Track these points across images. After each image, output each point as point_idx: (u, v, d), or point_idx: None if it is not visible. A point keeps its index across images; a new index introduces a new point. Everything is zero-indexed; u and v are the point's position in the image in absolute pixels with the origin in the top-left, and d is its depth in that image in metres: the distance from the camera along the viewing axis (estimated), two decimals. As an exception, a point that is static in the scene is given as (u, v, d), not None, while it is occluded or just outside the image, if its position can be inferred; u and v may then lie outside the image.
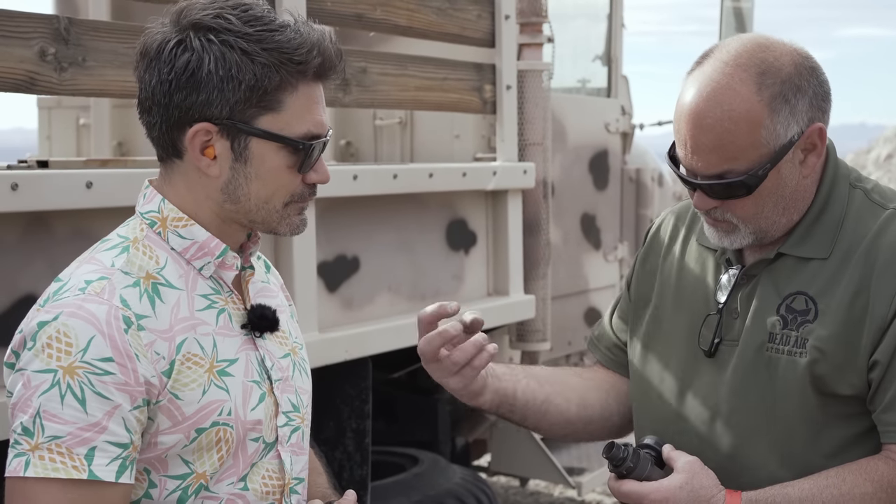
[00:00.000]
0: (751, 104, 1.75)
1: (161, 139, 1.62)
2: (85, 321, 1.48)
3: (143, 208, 1.66)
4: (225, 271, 1.66)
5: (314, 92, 1.62)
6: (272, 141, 1.59)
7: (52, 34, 2.54)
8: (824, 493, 1.75)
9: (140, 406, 1.51)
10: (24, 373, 1.49)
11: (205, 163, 1.59)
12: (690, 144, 1.79)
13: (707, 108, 1.76)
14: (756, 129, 1.75)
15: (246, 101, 1.56)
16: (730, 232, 1.86)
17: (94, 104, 4.92)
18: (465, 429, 4.80)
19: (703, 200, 1.83)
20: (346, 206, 3.40)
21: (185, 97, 1.56)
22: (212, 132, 1.58)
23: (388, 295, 3.61)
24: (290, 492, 1.69)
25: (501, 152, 4.10)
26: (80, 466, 1.46)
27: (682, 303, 1.98)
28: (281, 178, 1.61)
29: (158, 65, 1.57)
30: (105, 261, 1.58)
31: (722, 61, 1.79)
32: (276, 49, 1.55)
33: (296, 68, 1.57)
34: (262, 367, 1.66)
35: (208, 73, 1.54)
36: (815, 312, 1.80)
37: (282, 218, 1.64)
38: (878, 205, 1.85)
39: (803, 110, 1.78)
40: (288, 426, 1.69)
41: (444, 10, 3.80)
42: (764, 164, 1.77)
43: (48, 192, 2.47)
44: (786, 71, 1.78)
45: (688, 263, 2.00)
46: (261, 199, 1.62)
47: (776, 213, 1.83)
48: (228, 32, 1.55)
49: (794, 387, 1.81)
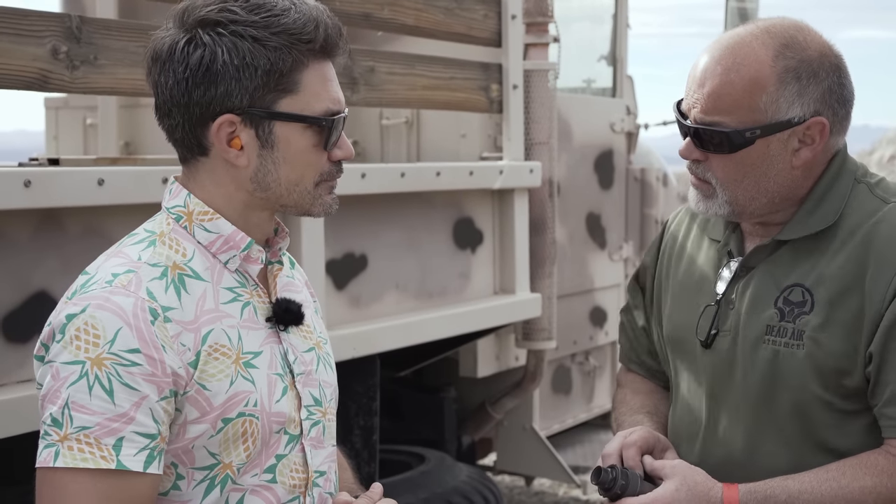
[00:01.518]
0: (763, 66, 1.79)
1: (185, 139, 1.64)
2: (112, 313, 1.51)
3: (168, 203, 1.68)
4: (250, 265, 1.68)
5: (326, 69, 1.64)
6: (295, 122, 1.61)
7: (64, 32, 2.55)
8: (823, 486, 1.75)
9: (167, 397, 1.53)
10: (53, 364, 1.51)
11: (233, 154, 1.61)
12: (695, 86, 1.83)
13: (723, 55, 1.81)
14: (758, 92, 1.79)
15: (264, 86, 1.58)
16: (707, 196, 1.88)
17: (101, 104, 4.93)
18: (471, 427, 4.81)
19: (689, 149, 1.86)
20: (354, 204, 3.41)
21: (204, 92, 1.58)
22: (235, 122, 1.60)
23: (396, 293, 3.63)
24: (312, 485, 1.71)
25: (508, 151, 4.12)
26: (108, 456, 1.47)
27: (689, 296, 2.00)
28: (308, 158, 1.64)
29: (172, 66, 1.59)
30: (132, 254, 1.60)
31: (755, 24, 1.85)
32: (284, 31, 1.58)
33: (305, 47, 1.59)
34: (285, 360, 1.68)
35: (223, 64, 1.56)
36: (811, 304, 1.82)
37: (314, 198, 1.67)
38: (879, 198, 1.86)
39: (812, 97, 1.80)
40: (308, 420, 1.71)
41: (452, 9, 3.82)
42: (754, 129, 1.79)
43: (60, 190, 2.49)
44: (809, 53, 1.81)
45: (697, 258, 2.02)
46: (291, 181, 1.64)
47: (755, 190, 1.84)
48: (235, 24, 1.57)
49: (794, 379, 1.82)
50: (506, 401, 4.59)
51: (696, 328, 1.95)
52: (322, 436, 1.74)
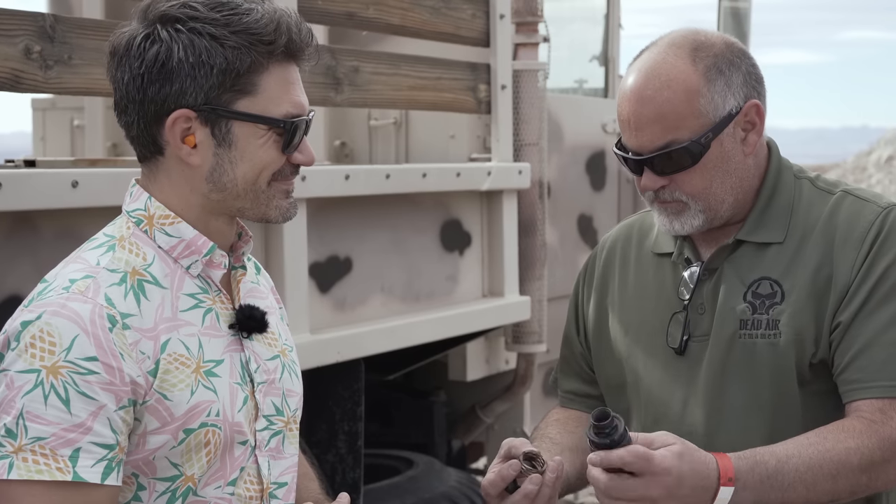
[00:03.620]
0: (687, 74, 1.83)
1: (140, 137, 1.60)
2: (69, 320, 1.46)
3: (129, 206, 1.64)
4: (213, 270, 1.63)
5: (288, 73, 1.60)
6: (253, 123, 1.58)
7: (37, 32, 2.51)
8: (808, 449, 1.75)
9: (126, 406, 1.48)
10: (8, 373, 1.47)
11: (185, 151, 1.58)
12: (634, 121, 1.85)
13: (646, 81, 1.84)
14: (694, 98, 1.82)
15: (220, 85, 1.55)
16: (679, 213, 1.89)
17: (87, 105, 4.90)
18: (461, 431, 4.77)
19: (651, 179, 1.87)
20: (338, 206, 3.37)
21: (159, 89, 1.55)
22: (191, 118, 1.56)
23: (382, 296, 3.59)
24: (269, 497, 1.66)
25: (496, 153, 4.08)
26: (64, 468, 1.43)
27: (646, 313, 1.99)
28: (265, 158, 1.60)
29: (129, 61, 1.56)
30: (90, 259, 1.56)
31: (657, 45, 1.89)
32: (244, 31, 1.55)
33: (265, 48, 1.56)
34: (246, 369, 1.64)
35: (179, 61, 1.53)
36: (781, 294, 1.86)
37: (269, 199, 1.62)
38: (825, 191, 1.93)
39: (738, 84, 1.86)
40: (267, 430, 1.66)
41: (438, 9, 3.78)
42: (706, 133, 1.83)
43: (33, 192, 2.45)
44: (718, 47, 1.88)
45: (646, 275, 2.02)
46: (248, 181, 1.60)
47: (723, 190, 1.88)
48: (195, 20, 1.54)
49: (776, 368, 1.83)
50: (496, 405, 4.55)
51: (667, 337, 1.93)
52: (282, 446, 1.69)
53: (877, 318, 1.79)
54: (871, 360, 1.78)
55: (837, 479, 1.74)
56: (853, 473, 1.74)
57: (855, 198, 1.90)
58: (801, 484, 1.73)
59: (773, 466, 1.73)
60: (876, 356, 1.78)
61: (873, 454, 1.75)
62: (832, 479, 1.74)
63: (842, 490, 1.75)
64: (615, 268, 2.08)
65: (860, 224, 1.85)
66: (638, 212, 2.21)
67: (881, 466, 1.76)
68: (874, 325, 1.79)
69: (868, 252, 1.82)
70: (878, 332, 1.79)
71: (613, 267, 2.08)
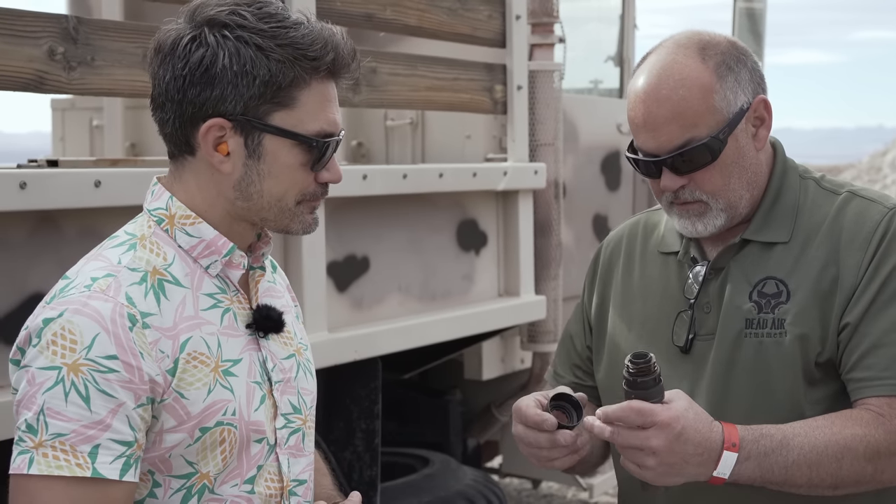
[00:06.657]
0: (699, 71, 1.84)
1: (174, 135, 1.62)
2: (90, 318, 1.48)
3: (150, 205, 1.65)
4: (232, 270, 1.65)
5: (327, 90, 1.61)
6: (285, 138, 1.59)
7: (60, 33, 2.54)
8: (816, 432, 1.76)
9: (144, 404, 1.50)
10: (29, 369, 1.49)
11: (217, 159, 1.59)
12: (650, 122, 1.85)
13: (659, 82, 1.85)
14: (709, 94, 1.84)
15: (260, 96, 1.56)
16: (702, 214, 1.89)
17: (106, 106, 4.93)
18: (477, 430, 4.79)
19: (671, 179, 1.87)
20: (355, 206, 3.40)
21: (199, 92, 1.56)
22: (225, 128, 1.58)
23: (399, 295, 3.61)
24: (289, 494, 1.68)
25: (512, 153, 4.10)
26: (83, 464, 1.45)
27: (650, 310, 2.00)
28: (293, 175, 1.61)
29: (173, 60, 1.57)
30: (112, 258, 1.58)
31: (662, 48, 1.90)
32: (290, 45, 1.55)
33: (310, 64, 1.57)
34: (264, 368, 1.66)
35: (223, 68, 1.54)
36: (786, 294, 1.86)
37: (294, 216, 1.64)
38: (830, 192, 1.94)
39: (746, 80, 1.88)
40: (287, 428, 1.68)
41: (455, 10, 3.80)
42: (723, 129, 1.84)
43: (56, 191, 2.48)
44: (723, 45, 1.89)
45: (651, 273, 2.03)
46: (273, 196, 1.61)
47: (742, 186, 1.89)
48: (243, 29, 1.55)
49: (781, 367, 1.84)
50: (511, 403, 4.55)
51: (672, 335, 1.95)
52: (302, 444, 1.72)
53: (884, 317, 1.80)
54: (879, 359, 1.80)
55: (842, 462, 1.74)
56: (858, 461, 1.75)
57: (861, 198, 1.91)
58: (804, 462, 1.74)
59: (777, 440, 1.74)
60: (884, 355, 1.80)
61: (879, 444, 1.76)
62: (836, 462, 1.74)
63: (846, 476, 1.76)
64: (619, 265, 2.09)
65: (866, 224, 1.86)
66: (643, 210, 2.21)
67: (887, 459, 1.77)
68: (882, 325, 1.80)
69: (875, 252, 1.83)
70: (887, 331, 1.80)
71: (617, 264, 2.10)
